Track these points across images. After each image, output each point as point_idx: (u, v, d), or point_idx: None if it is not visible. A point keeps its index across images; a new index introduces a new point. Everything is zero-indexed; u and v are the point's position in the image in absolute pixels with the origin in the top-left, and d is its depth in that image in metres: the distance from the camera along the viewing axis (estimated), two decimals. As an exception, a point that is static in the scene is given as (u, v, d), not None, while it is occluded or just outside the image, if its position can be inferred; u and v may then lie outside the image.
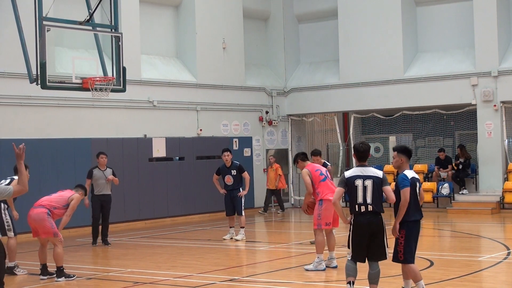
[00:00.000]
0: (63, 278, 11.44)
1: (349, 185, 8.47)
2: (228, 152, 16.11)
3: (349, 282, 8.57)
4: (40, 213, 11.49)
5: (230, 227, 16.27)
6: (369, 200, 8.37)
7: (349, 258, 8.61)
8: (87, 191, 12.78)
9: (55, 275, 11.59)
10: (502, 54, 21.59)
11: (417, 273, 8.69)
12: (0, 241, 7.39)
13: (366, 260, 8.63)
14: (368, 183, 8.38)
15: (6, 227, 11.99)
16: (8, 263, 11.73)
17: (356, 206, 8.41)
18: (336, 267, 11.51)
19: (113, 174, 16.52)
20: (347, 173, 8.58)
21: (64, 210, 11.71)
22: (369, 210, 8.38)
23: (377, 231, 8.42)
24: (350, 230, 8.56)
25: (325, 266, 11.50)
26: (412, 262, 8.64)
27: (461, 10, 22.52)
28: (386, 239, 8.56)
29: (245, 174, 16.05)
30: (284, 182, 23.46)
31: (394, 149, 8.79)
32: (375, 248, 8.46)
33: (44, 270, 11.77)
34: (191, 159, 21.76)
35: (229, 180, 15.98)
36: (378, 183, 8.41)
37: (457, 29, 22.69)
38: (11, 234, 12.08)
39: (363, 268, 8.29)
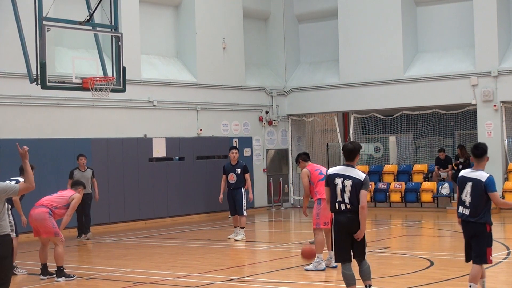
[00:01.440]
0: (63, 278, 11.45)
1: (329, 182, 8.50)
2: (236, 150, 16.34)
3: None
4: (42, 213, 11.50)
5: (235, 227, 16.28)
6: (347, 199, 8.37)
7: (336, 262, 8.61)
8: (85, 185, 12.82)
9: (55, 275, 11.59)
10: (502, 54, 21.59)
11: (475, 275, 8.48)
12: (11, 240, 7.32)
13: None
14: (348, 183, 8.37)
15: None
16: None
17: (336, 204, 8.44)
18: (335, 267, 11.50)
19: (93, 174, 17.54)
20: (330, 170, 8.63)
21: (65, 210, 11.72)
22: (347, 208, 8.37)
23: (356, 229, 8.37)
24: (332, 231, 8.59)
25: (325, 266, 11.51)
26: (466, 260, 8.62)
27: (461, 10, 22.51)
28: (365, 237, 8.52)
29: (247, 176, 16.15)
30: None
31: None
32: (355, 246, 8.46)
33: (44, 270, 11.77)
34: (191, 159, 21.75)
35: (232, 178, 16.06)
36: (358, 185, 8.36)
37: (457, 29, 22.69)
38: (13, 234, 12.05)
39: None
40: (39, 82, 14.54)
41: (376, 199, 23.06)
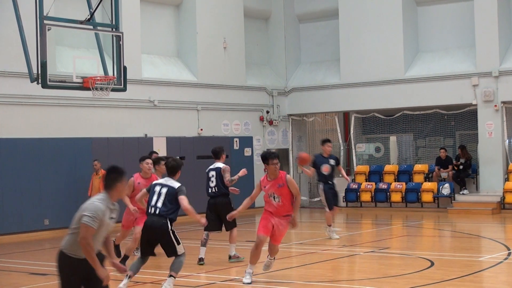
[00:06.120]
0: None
1: (151, 189, 9.90)
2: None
3: (129, 276, 9.91)
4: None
5: None
6: (159, 205, 9.68)
7: (139, 256, 9.98)
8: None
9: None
10: (503, 54, 21.58)
11: None
12: None
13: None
14: (164, 190, 9.76)
15: None
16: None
17: (149, 207, 9.74)
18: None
19: None
20: (155, 181, 10.11)
21: None
22: (156, 213, 9.65)
23: (160, 232, 9.59)
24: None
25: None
26: None
27: (461, 10, 22.50)
28: (172, 238, 9.63)
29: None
30: None
31: None
32: (165, 247, 9.75)
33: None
34: (191, 158, 21.74)
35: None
36: (172, 192, 9.71)
37: (458, 29, 22.67)
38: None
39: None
40: (39, 82, 14.55)
41: (376, 199, 23.03)
